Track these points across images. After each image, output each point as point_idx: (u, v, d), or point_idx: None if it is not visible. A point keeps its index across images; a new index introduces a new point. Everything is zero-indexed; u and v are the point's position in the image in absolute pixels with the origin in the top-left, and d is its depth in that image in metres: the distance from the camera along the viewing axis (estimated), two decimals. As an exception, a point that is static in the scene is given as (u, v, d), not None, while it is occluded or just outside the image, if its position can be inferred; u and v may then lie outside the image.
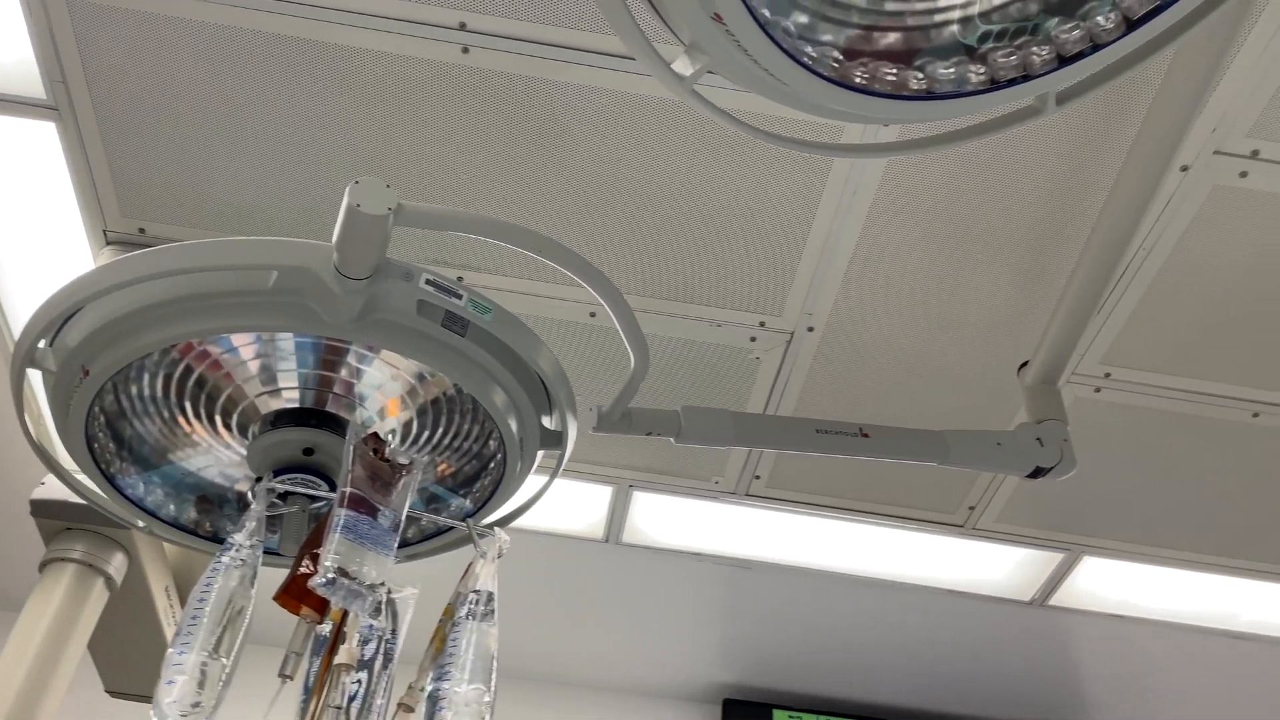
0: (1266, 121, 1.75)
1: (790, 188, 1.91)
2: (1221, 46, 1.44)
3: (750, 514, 2.63)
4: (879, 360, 2.21)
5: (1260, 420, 2.23)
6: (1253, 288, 1.99)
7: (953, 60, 0.96)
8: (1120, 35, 0.95)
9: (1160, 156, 1.63)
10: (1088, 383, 2.21)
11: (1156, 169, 1.62)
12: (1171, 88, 1.52)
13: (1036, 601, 2.82)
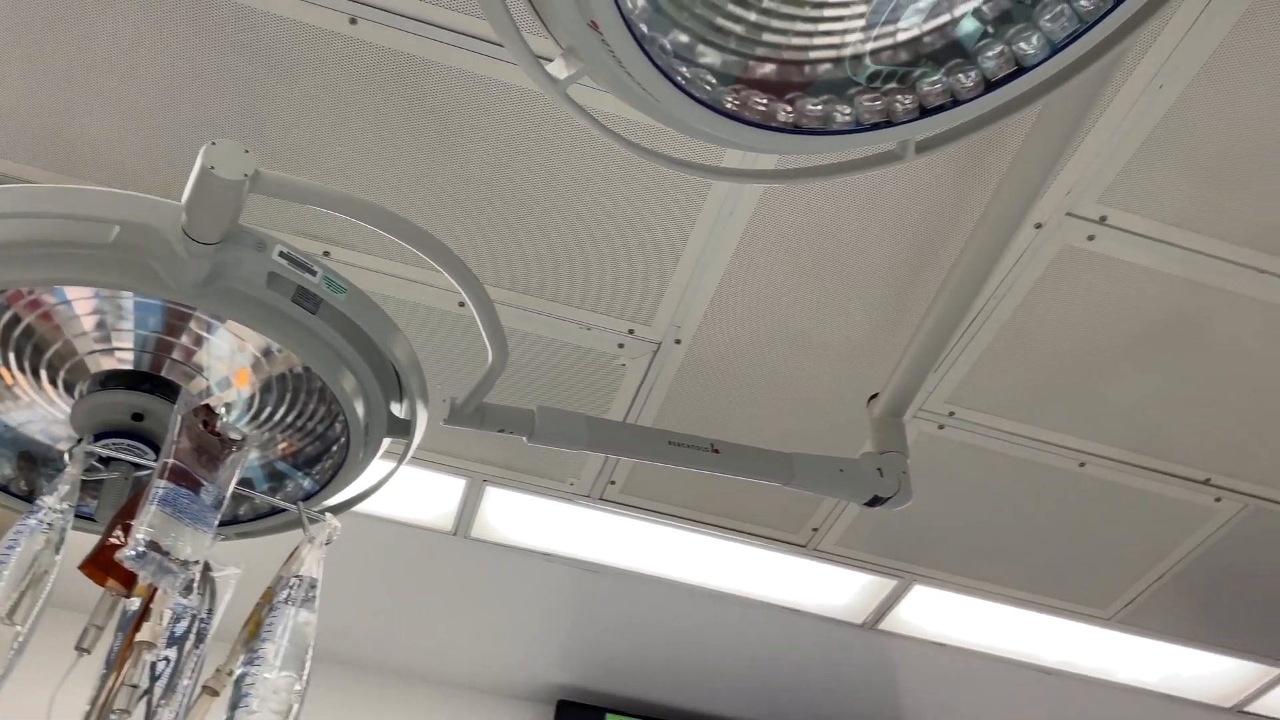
0: (1116, 190, 1.86)
1: (670, 200, 1.93)
2: (1080, 114, 1.52)
3: (602, 518, 2.64)
4: (741, 378, 2.25)
5: (1085, 470, 2.37)
6: (1089, 345, 2.12)
7: (821, 98, 0.99)
8: (979, 94, 1.00)
9: (1016, 212, 1.72)
10: (932, 419, 2.30)
11: (1011, 224, 1.70)
12: (1032, 148, 1.60)
13: (868, 625, 2.92)
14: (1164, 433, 2.27)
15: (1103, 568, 2.62)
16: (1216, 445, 2.28)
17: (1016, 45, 0.97)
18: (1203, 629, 2.81)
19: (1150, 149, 1.80)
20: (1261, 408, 2.19)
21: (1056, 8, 0.96)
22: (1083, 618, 2.78)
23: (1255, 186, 1.83)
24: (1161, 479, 2.36)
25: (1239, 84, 1.70)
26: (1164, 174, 1.83)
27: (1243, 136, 1.77)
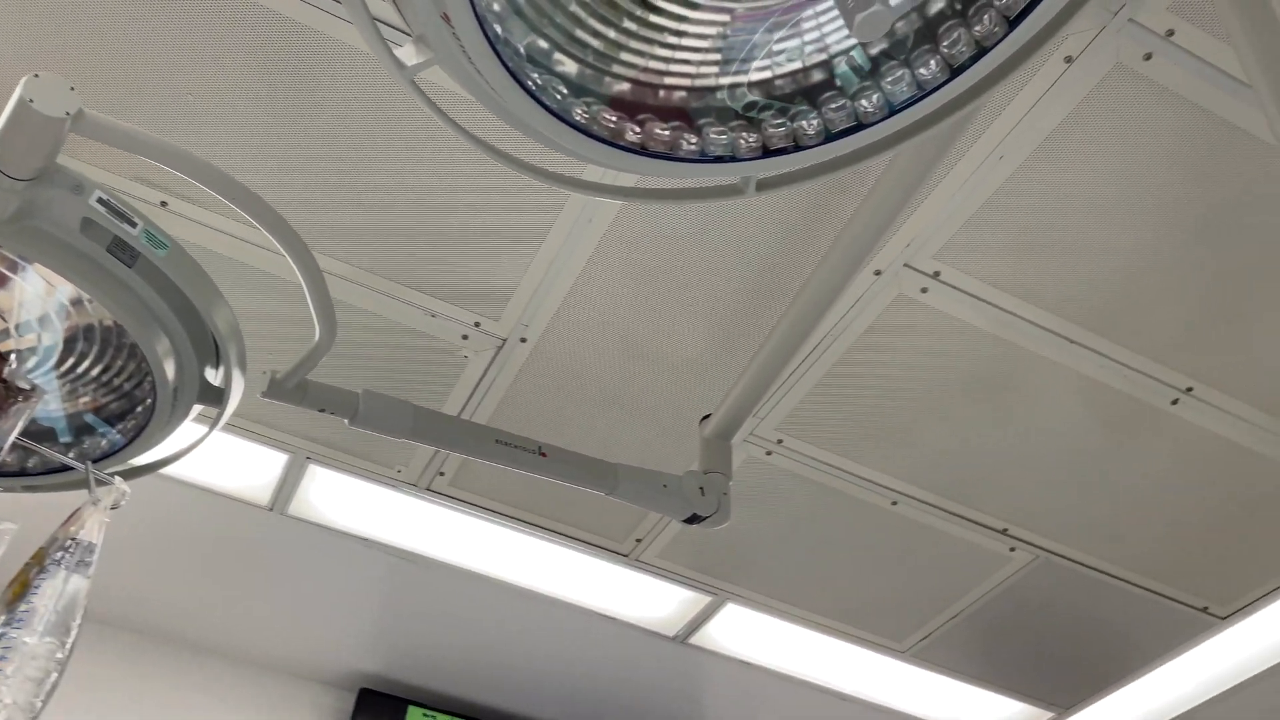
0: (951, 248, 1.97)
1: (532, 198, 1.92)
2: (923, 173, 1.60)
3: (427, 509, 2.60)
4: (583, 384, 2.27)
5: (897, 508, 2.48)
6: (911, 391, 2.22)
7: (670, 125, 1.01)
8: (819, 143, 1.03)
9: (857, 257, 1.78)
10: (761, 445, 2.37)
11: (851, 267, 1.77)
12: (876, 198, 1.66)
13: (679, 638, 2.98)
14: (970, 481, 2.40)
15: (903, 603, 2.75)
16: (1016, 498, 2.43)
17: (858, 102, 1.02)
18: (988, 670, 2.98)
19: (985, 214, 1.91)
20: (1059, 468, 2.35)
21: (898, 72, 1.00)
22: (880, 649, 2.91)
23: (1070, 262, 1.96)
24: (964, 524, 2.50)
25: (1066, 167, 1.83)
26: (994, 239, 1.94)
27: (1064, 215, 1.89)
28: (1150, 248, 1.92)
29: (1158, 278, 1.97)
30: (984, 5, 0.97)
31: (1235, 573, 2.56)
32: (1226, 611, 2.67)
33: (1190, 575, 2.59)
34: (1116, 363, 2.11)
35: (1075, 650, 2.86)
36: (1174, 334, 2.05)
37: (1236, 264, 1.93)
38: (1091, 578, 2.60)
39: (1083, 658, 2.90)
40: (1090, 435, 2.27)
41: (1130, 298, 2.00)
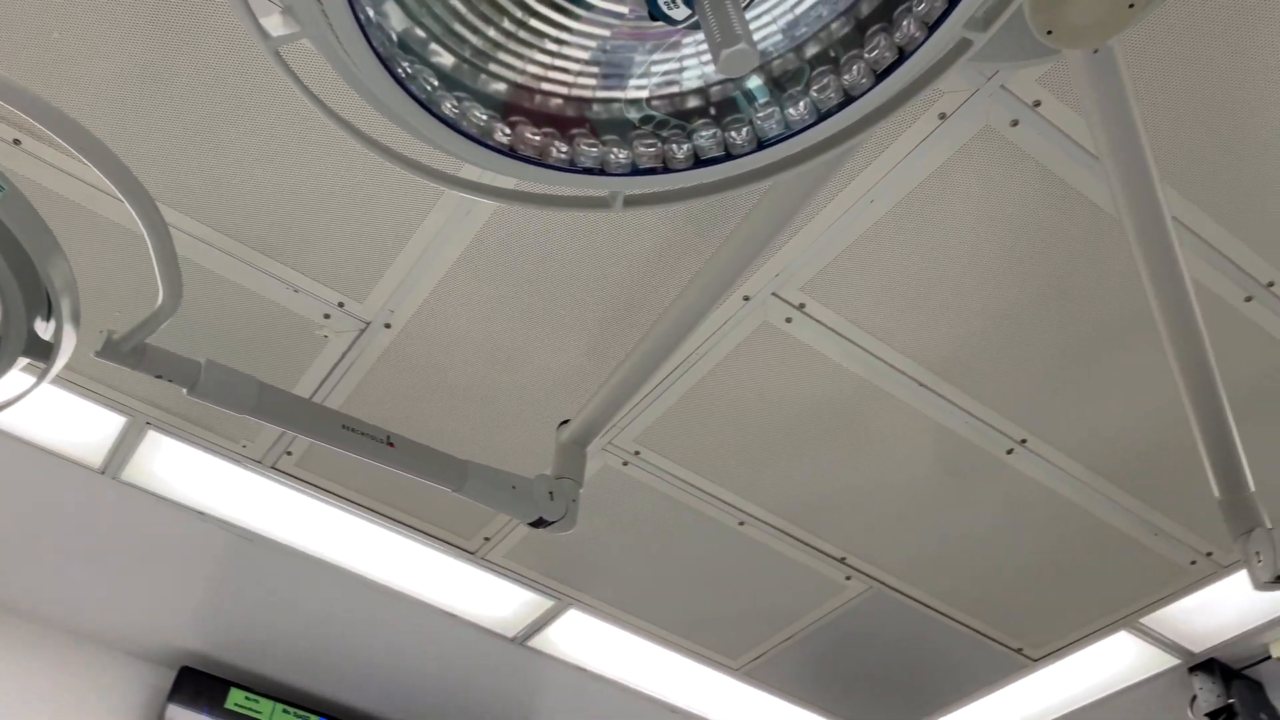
0: (818, 283, 2.02)
1: (411, 180, 1.89)
2: (795, 208, 1.63)
3: (271, 487, 2.52)
4: (444, 376, 2.24)
5: (744, 529, 2.53)
6: (767, 417, 2.27)
7: (542, 131, 1.01)
8: (687, 168, 1.05)
9: (725, 281, 1.81)
10: (619, 455, 2.38)
11: (719, 290, 1.80)
12: (750, 226, 1.69)
13: (519, 640, 2.96)
14: (815, 509, 2.47)
15: (740, 621, 2.81)
16: (857, 529, 2.51)
17: (729, 132, 1.04)
18: (815, 692, 3.07)
19: (853, 253, 1.97)
20: (899, 504, 2.44)
21: (769, 109, 1.03)
22: (714, 665, 2.96)
23: (928, 309, 2.04)
24: (805, 550, 2.56)
25: (932, 218, 1.90)
26: (860, 278, 2.01)
27: (927, 264, 1.97)
28: (1002, 305, 2.02)
29: (1006, 334, 2.06)
30: (855, 56, 1.01)
31: (1050, 618, 2.70)
32: (1039, 654, 2.82)
33: (1009, 617, 2.72)
34: (961, 410, 2.21)
35: (899, 679, 2.97)
36: (1015, 388, 2.16)
37: (1078, 329, 2.05)
38: (919, 611, 2.71)
39: (905, 687, 3.02)
40: (930, 476, 2.37)
41: (979, 350, 2.10)
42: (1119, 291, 1.98)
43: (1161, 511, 2.38)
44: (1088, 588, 2.59)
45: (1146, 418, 2.18)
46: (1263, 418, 2.15)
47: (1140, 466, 2.28)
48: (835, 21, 1.03)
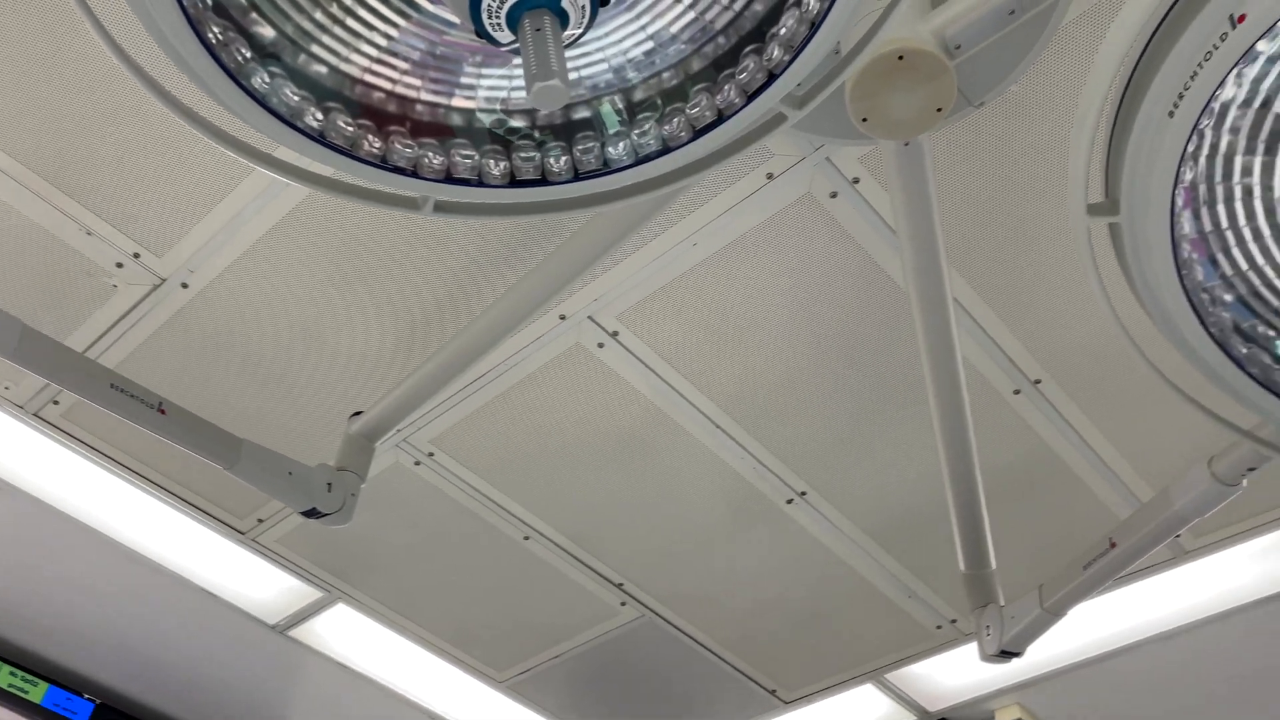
0: (634, 314, 2.06)
1: (226, 144, 1.81)
2: (617, 238, 1.67)
3: (31, 436, 2.35)
4: (240, 349, 2.14)
5: (528, 543, 2.53)
6: (567, 436, 2.29)
7: (358, 122, 0.99)
8: (501, 185, 1.05)
9: (540, 298, 1.83)
10: (413, 454, 2.34)
11: (532, 306, 1.81)
12: (569, 249, 1.71)
13: (280, 628, 2.86)
14: (600, 532, 2.50)
15: (511, 634, 2.80)
16: (638, 556, 2.56)
17: (547, 159, 1.05)
18: (575, 712, 3.09)
19: (671, 291, 2.02)
20: (682, 537, 2.50)
21: (589, 144, 1.05)
22: (479, 675, 2.94)
23: (733, 356, 2.11)
24: (585, 571, 2.59)
25: (748, 270, 1.97)
26: (675, 316, 2.06)
27: (738, 312, 2.04)
28: (800, 362, 2.11)
29: (802, 390, 2.16)
30: (677, 109, 1.04)
31: (805, 664, 2.83)
32: (791, 697, 2.95)
33: (769, 658, 2.83)
34: (751, 455, 2.29)
35: (658, 708, 3.04)
36: (803, 442, 2.26)
37: (865, 394, 2.16)
38: (686, 644, 2.78)
39: (664, 716, 3.08)
40: (714, 514, 2.44)
41: (774, 400, 2.18)
42: (905, 365, 2.11)
43: (918, 576, 2.54)
44: (843, 639, 2.73)
45: (916, 486, 2.32)
46: (1012, 502, 2.33)
47: (904, 531, 2.43)
48: (666, 72, 1.07)
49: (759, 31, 1.01)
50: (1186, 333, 1.07)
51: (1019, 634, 1.70)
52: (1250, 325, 1.10)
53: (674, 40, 1.03)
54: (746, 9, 1.00)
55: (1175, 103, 0.96)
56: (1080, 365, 2.07)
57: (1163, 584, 2.55)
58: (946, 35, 1.22)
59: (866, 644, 2.74)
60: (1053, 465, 2.25)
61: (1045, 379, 2.10)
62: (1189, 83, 0.94)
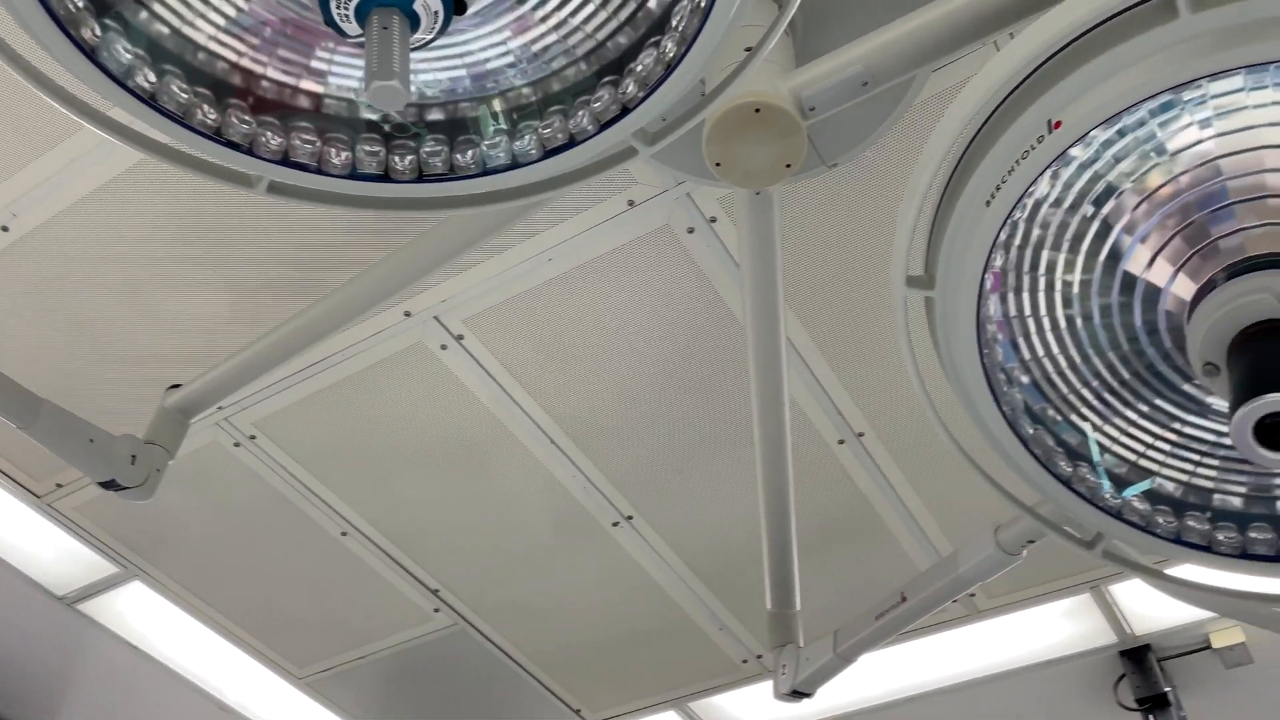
0: (481, 320, 2.05)
1: (68, 87, 1.71)
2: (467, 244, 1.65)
3: None
4: (60, 302, 2.03)
5: (345, 539, 2.47)
6: (400, 435, 2.25)
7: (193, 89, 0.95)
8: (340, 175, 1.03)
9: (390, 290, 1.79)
10: (233, 434, 2.26)
11: (374, 298, 1.77)
12: (417, 249, 1.69)
13: (68, 600, 2.69)
14: (422, 535, 2.46)
15: (316, 630, 2.72)
16: (458, 565, 2.53)
17: (392, 156, 1.04)
18: (373, 715, 3.02)
19: (522, 303, 2.02)
20: (503, 550, 2.49)
21: (437, 146, 1.04)
22: (278, 669, 2.84)
23: (577, 374, 2.12)
24: (401, 573, 2.54)
25: (598, 292, 1.99)
26: (521, 326, 2.06)
27: (586, 331, 2.05)
28: (640, 387, 2.14)
29: (640, 416, 2.18)
30: (530, 127, 1.04)
31: (613, 686, 2.85)
32: (595, 718, 2.96)
33: (578, 678, 2.84)
34: (582, 474, 2.30)
35: (461, 716, 3.00)
36: (635, 466, 2.29)
37: (700, 427, 2.21)
38: (496, 656, 2.76)
39: (467, 726, 3.05)
40: (540, 530, 2.44)
41: (611, 423, 2.20)
42: (741, 403, 2.16)
43: (731, 609, 2.59)
44: (652, 664, 2.76)
45: (739, 522, 2.38)
46: (825, 547, 2.41)
47: (723, 565, 2.48)
48: (526, 88, 1.07)
49: (619, 64, 1.03)
50: (981, 408, 1.13)
51: (811, 675, 1.76)
52: (1041, 408, 1.17)
53: (535, 59, 1.04)
54: (609, 40, 1.02)
55: (993, 193, 1.02)
56: (902, 424, 2.17)
57: (956, 639, 2.68)
58: (803, 96, 1.27)
59: (674, 671, 2.78)
60: (867, 516, 2.34)
61: (869, 433, 2.19)
62: (1006, 177, 1.00)
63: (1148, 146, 1.00)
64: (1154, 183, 1.02)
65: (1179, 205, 1.02)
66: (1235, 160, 0.98)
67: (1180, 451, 1.14)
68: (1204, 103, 0.97)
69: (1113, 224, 1.05)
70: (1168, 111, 0.98)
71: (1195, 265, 1.01)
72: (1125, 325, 1.08)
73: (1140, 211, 1.04)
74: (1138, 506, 1.14)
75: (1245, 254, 0.98)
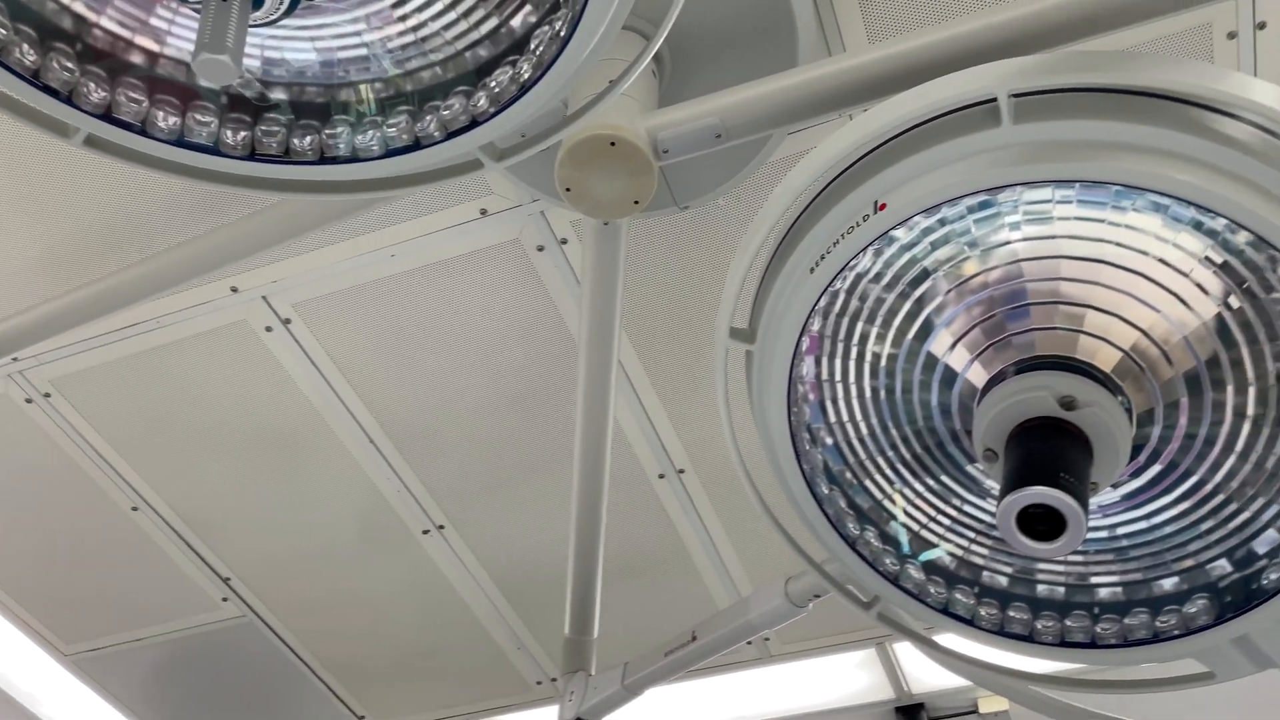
0: (313, 307, 1.98)
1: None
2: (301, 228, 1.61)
3: None
4: None
5: (136, 514, 2.33)
6: (209, 415, 2.15)
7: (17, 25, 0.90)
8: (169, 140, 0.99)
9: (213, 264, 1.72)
10: (26, 389, 2.11)
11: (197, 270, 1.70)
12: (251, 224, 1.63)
13: None
14: (219, 520, 2.35)
15: (90, 607, 2.56)
16: (253, 554, 2.43)
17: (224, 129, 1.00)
18: (142, 701, 2.85)
19: (357, 295, 1.97)
20: (307, 545, 2.40)
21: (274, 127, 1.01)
22: (43, 643, 2.65)
23: (403, 374, 2.08)
24: (192, 557, 2.42)
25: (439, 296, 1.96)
26: (354, 319, 2.00)
27: (418, 334, 2.02)
28: (471, 399, 2.11)
29: (465, 426, 2.16)
30: (375, 123, 1.02)
31: (401, 696, 2.78)
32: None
33: (366, 685, 2.76)
34: (398, 478, 2.25)
35: (237, 715, 2.87)
36: (454, 476, 2.25)
37: (527, 444, 2.19)
38: (284, 654, 2.66)
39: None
40: (347, 530, 2.37)
41: (436, 431, 2.17)
42: (569, 426, 2.16)
43: (531, 630, 2.58)
44: (444, 678, 2.72)
45: (550, 545, 2.37)
46: (632, 578, 2.43)
47: (529, 584, 2.47)
48: (378, 83, 1.05)
49: (476, 76, 1.02)
50: (783, 463, 1.17)
51: (596, 705, 1.77)
52: (839, 470, 1.22)
53: (390, 56, 1.02)
54: (468, 51, 1.01)
55: (817, 261, 1.06)
56: (723, 466, 2.22)
57: (748, 680, 2.75)
58: (659, 137, 1.29)
59: (466, 686, 2.74)
60: (677, 552, 2.38)
61: (689, 470, 2.23)
62: (831, 248, 1.05)
63: (963, 239, 1.07)
64: (965, 273, 1.09)
65: (984, 298, 1.08)
66: (1037, 265, 1.05)
67: (958, 528, 1.21)
68: (1017, 207, 1.04)
69: (924, 306, 1.11)
70: (985, 210, 1.05)
71: (990, 355, 1.08)
72: (923, 402, 1.14)
73: (950, 297, 1.10)
74: (914, 575, 1.20)
75: (1035, 352, 1.05)
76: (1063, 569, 1.18)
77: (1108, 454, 0.98)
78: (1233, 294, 0.98)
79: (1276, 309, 0.98)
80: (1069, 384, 1.00)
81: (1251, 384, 1.01)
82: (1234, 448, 1.04)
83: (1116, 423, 0.98)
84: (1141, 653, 1.11)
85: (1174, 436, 1.04)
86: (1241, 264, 0.97)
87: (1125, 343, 1.01)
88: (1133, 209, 0.98)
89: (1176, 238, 0.98)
